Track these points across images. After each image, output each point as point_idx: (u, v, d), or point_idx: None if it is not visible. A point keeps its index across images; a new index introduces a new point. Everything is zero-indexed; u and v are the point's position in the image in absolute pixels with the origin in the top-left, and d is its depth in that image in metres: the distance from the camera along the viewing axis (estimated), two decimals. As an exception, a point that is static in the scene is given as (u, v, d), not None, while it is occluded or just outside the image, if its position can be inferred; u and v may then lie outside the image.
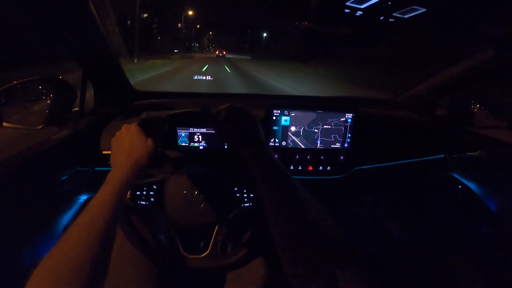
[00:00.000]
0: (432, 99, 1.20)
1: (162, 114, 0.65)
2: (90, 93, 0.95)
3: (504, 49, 0.88)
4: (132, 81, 1.04)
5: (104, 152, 0.86)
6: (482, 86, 1.09)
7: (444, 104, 1.18)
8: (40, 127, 0.74)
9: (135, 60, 11.09)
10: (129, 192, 0.76)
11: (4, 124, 0.70)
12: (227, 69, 12.82)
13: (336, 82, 9.02)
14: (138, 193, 0.76)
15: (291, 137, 0.92)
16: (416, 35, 7.33)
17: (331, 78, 9.66)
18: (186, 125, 0.88)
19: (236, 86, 7.94)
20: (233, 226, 0.86)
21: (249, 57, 23.75)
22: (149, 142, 0.59)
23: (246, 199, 0.80)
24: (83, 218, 0.45)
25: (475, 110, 1.06)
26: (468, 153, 1.08)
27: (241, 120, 0.57)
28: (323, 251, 0.35)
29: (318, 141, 0.93)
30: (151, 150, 0.59)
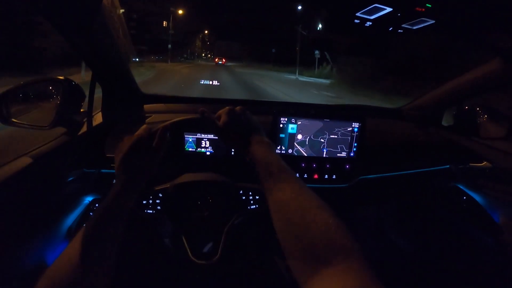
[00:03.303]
0: (438, 109, 1.20)
1: (163, 123, 0.65)
2: (98, 95, 0.95)
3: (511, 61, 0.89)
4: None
5: (109, 155, 0.86)
6: (489, 97, 1.09)
7: (450, 115, 1.18)
8: (48, 127, 0.74)
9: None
10: (135, 201, 0.76)
11: (13, 120, 0.70)
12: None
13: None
14: (144, 202, 0.76)
15: (297, 147, 0.92)
16: (425, 45, 7.20)
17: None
18: (194, 131, 0.88)
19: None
20: (240, 229, 0.86)
21: (329, 81, 12.13)
22: (152, 152, 0.59)
23: (252, 201, 0.80)
24: (87, 229, 0.46)
25: (482, 121, 1.06)
26: (473, 164, 1.08)
27: (242, 122, 0.57)
28: (330, 253, 0.35)
29: (324, 150, 0.93)
30: (154, 160, 0.59)
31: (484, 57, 0.96)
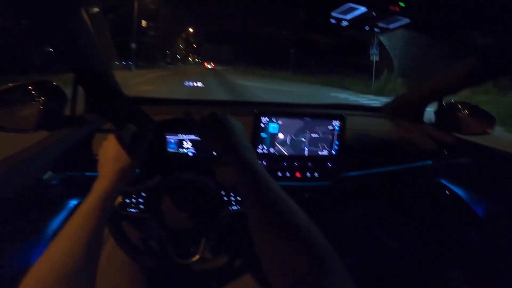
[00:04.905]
0: (419, 106, 1.22)
1: (147, 123, 0.66)
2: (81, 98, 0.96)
3: (488, 57, 0.91)
4: None
5: (93, 158, 0.87)
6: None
7: (431, 111, 1.20)
8: (30, 131, 0.74)
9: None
10: (118, 200, 0.77)
11: None
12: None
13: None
14: (127, 201, 0.77)
15: (278, 146, 0.93)
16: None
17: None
18: (175, 132, 0.89)
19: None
20: (222, 229, 0.87)
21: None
22: (134, 150, 0.61)
23: (233, 202, 0.81)
24: (69, 227, 0.47)
25: (462, 116, 1.08)
26: (455, 160, 1.10)
27: (224, 125, 0.58)
28: (303, 256, 0.36)
29: (306, 149, 0.94)
30: (136, 158, 0.60)
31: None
